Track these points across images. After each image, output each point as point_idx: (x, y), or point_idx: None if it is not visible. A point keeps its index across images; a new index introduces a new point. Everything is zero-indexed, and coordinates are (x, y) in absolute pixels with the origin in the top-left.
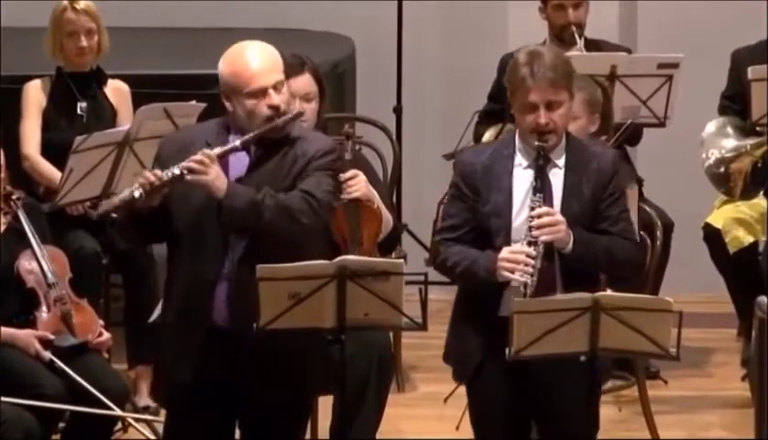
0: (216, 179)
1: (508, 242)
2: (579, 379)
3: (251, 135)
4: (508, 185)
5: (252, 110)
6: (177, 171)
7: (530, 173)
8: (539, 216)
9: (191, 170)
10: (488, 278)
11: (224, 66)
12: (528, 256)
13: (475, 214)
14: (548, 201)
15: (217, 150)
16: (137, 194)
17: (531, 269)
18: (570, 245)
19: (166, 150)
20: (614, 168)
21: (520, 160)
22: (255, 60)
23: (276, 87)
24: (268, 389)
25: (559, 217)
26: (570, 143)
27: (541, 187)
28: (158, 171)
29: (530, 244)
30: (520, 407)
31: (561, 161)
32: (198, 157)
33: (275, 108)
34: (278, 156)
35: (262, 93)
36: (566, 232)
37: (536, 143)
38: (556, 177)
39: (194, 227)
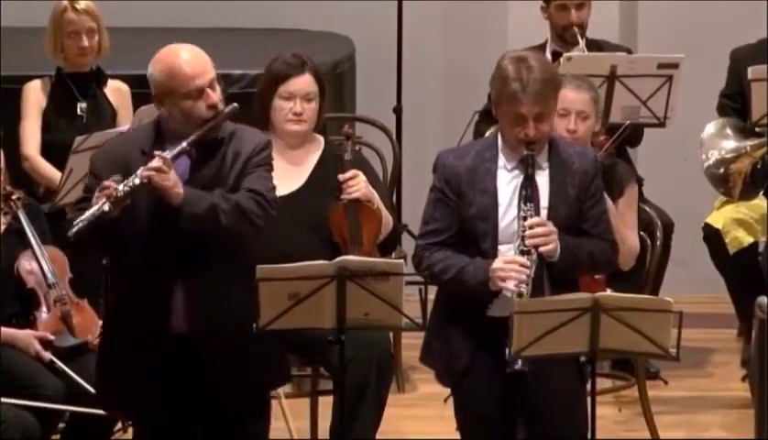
0: (175, 185)
1: (495, 244)
2: (566, 379)
3: (196, 134)
4: (492, 187)
5: (190, 111)
6: (138, 181)
7: (514, 174)
8: (531, 227)
9: (150, 179)
10: (479, 287)
11: (158, 69)
12: (522, 265)
13: (459, 218)
14: (535, 203)
15: (168, 154)
16: (106, 208)
17: (525, 278)
18: (557, 253)
19: (101, 166)
20: (595, 168)
21: (503, 162)
22: (189, 62)
23: (212, 85)
24: (229, 390)
25: (551, 227)
26: (552, 145)
27: (531, 196)
28: (117, 181)
29: (522, 253)
30: (507, 407)
31: (545, 163)
32: (156, 164)
33: (214, 107)
34: (216, 157)
35: (200, 93)
36: (556, 242)
37: (525, 152)
38: (542, 178)
39: (143, 239)
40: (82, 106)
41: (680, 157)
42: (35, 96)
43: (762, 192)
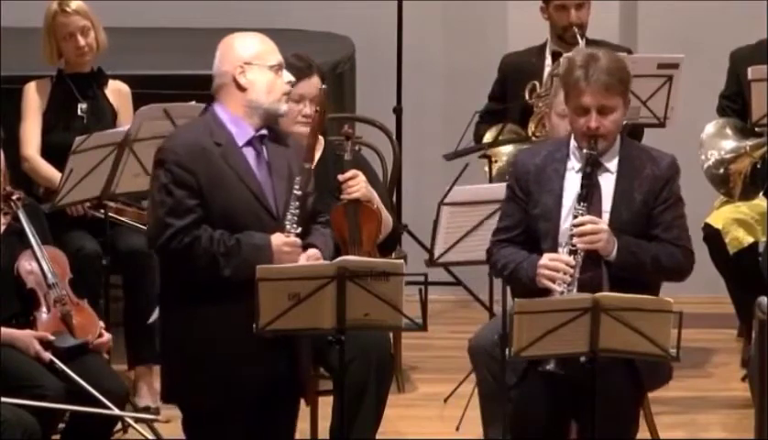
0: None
1: (555, 245)
2: (623, 381)
3: (308, 146)
4: (558, 188)
5: (273, 83)
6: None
7: (581, 176)
8: (581, 225)
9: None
10: (531, 284)
11: (241, 41)
12: (567, 264)
13: (527, 216)
14: (597, 206)
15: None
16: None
17: (569, 279)
18: (614, 253)
19: (189, 159)
20: (669, 173)
21: (573, 164)
22: (268, 40)
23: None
24: (306, 374)
25: (602, 226)
26: (624, 146)
27: (585, 196)
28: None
29: (571, 252)
30: (562, 408)
31: (613, 166)
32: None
33: (291, 85)
34: (276, 148)
35: (280, 67)
36: (608, 240)
37: (585, 151)
38: (607, 181)
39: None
40: (82, 107)
41: (680, 157)
42: (35, 97)
43: (762, 192)
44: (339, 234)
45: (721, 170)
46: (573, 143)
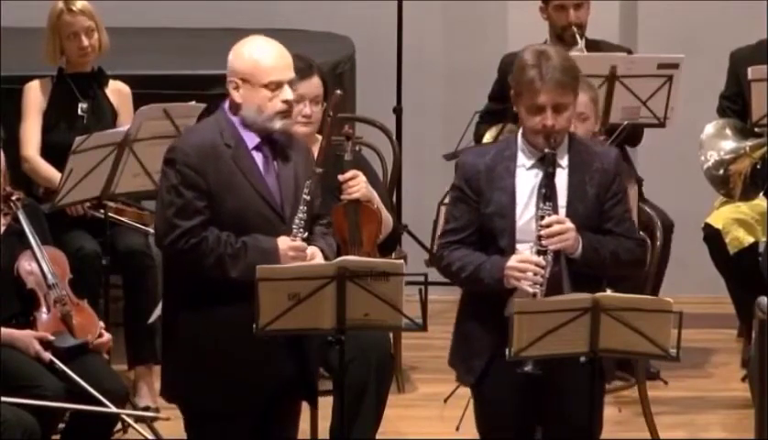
0: (313, 255)
1: (512, 242)
2: (584, 379)
3: (320, 150)
4: (511, 185)
5: (265, 102)
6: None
7: (533, 173)
8: (549, 225)
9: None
10: (495, 284)
11: (242, 54)
12: (537, 265)
13: (478, 216)
14: (554, 201)
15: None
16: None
17: (540, 280)
18: (579, 250)
19: (198, 161)
20: (617, 167)
21: (522, 161)
22: (274, 54)
23: (290, 83)
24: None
25: (569, 225)
26: (572, 143)
27: (550, 195)
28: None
29: (539, 253)
30: (526, 408)
31: (564, 162)
32: (312, 263)
33: (288, 103)
34: (284, 150)
35: (278, 86)
36: (575, 238)
37: (546, 150)
38: (560, 178)
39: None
40: (82, 107)
41: (680, 157)
42: (35, 97)
43: (762, 193)
44: (339, 234)
45: (721, 171)
46: (520, 141)
